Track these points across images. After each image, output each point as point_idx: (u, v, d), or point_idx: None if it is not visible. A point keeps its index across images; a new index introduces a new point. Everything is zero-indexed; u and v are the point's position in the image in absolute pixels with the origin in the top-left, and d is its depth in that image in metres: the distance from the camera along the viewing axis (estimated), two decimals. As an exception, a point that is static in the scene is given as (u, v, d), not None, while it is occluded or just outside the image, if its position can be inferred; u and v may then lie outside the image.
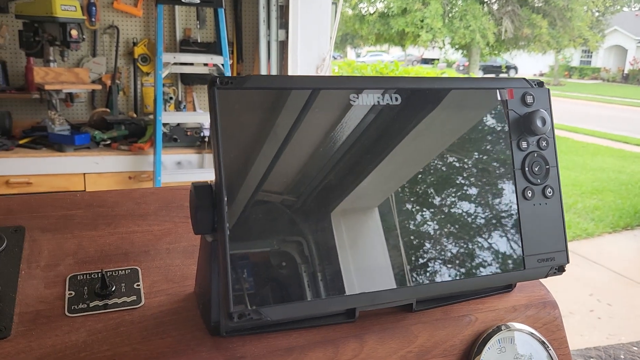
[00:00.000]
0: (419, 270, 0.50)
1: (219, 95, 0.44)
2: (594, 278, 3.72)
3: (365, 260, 0.48)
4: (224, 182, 0.43)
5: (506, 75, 24.68)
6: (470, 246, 0.52)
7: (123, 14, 3.21)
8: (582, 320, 3.10)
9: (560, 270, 0.56)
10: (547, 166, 0.56)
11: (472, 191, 0.53)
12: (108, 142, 2.86)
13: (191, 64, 3.10)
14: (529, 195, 0.55)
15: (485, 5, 18.44)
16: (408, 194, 0.50)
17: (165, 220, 0.66)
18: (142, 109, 3.35)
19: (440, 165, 0.52)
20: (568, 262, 0.56)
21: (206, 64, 3.04)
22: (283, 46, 3.19)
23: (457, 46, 19.78)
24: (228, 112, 0.44)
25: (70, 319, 0.51)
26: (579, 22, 18.53)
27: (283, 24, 3.15)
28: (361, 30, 18.82)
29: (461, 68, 25.13)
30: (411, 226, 0.50)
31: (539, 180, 0.56)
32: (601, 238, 4.66)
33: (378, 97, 0.49)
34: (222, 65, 2.87)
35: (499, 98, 0.55)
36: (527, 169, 0.55)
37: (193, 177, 2.83)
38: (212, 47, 3.21)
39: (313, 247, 0.46)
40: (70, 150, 2.70)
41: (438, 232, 0.51)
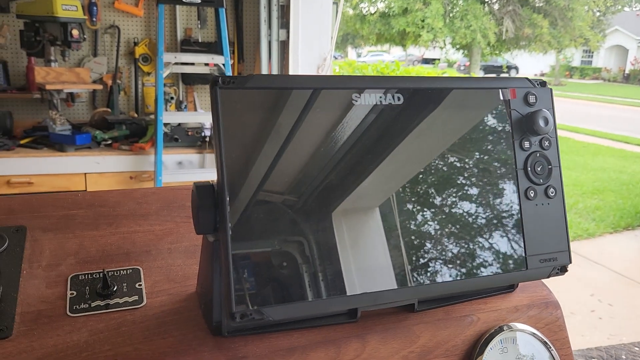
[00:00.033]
0: (421, 270, 0.50)
1: (221, 94, 0.44)
2: (595, 278, 3.72)
3: (366, 260, 0.48)
4: (226, 182, 0.43)
5: (507, 75, 24.65)
6: (472, 246, 0.52)
7: (124, 14, 3.21)
8: (583, 320, 3.10)
9: (562, 270, 0.56)
10: (550, 166, 0.56)
11: (474, 191, 0.53)
12: (109, 142, 2.86)
13: (192, 64, 3.10)
14: (532, 195, 0.55)
15: (486, 5, 18.42)
16: (409, 194, 0.50)
17: (166, 220, 0.66)
18: (143, 109, 3.36)
19: (442, 165, 0.52)
20: (570, 262, 0.56)
21: (207, 64, 3.04)
22: (284, 46, 3.19)
23: (458, 46, 19.77)
24: (230, 112, 0.44)
25: (71, 319, 0.51)
26: (580, 22, 18.51)
27: (284, 24, 3.15)
28: (362, 30, 18.82)
29: (462, 68, 25.11)
30: (412, 226, 0.50)
31: (542, 180, 0.55)
32: (602, 238, 4.65)
33: (380, 97, 0.49)
34: (223, 65, 2.87)
35: (502, 98, 0.55)
36: (530, 169, 0.55)
37: (194, 177, 2.83)
38: (213, 47, 3.21)
39: (314, 247, 0.46)
40: (71, 150, 2.70)
41: (439, 232, 0.51)
